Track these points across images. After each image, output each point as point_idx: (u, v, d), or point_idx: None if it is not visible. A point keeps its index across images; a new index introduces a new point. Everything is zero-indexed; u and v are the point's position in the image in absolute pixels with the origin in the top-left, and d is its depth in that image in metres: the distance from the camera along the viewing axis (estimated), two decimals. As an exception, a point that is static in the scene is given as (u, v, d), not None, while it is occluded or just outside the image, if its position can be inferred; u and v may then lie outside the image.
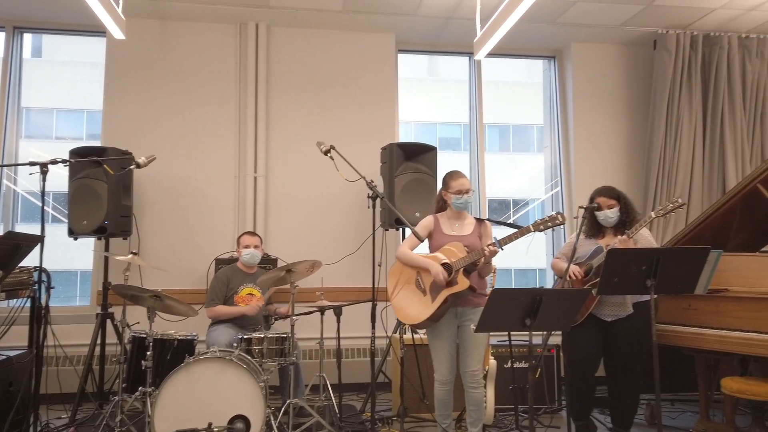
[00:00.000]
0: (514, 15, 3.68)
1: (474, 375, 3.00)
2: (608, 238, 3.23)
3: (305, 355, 4.34)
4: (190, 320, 3.70)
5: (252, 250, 3.86)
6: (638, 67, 5.43)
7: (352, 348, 4.64)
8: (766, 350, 2.89)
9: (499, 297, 2.50)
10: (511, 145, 14.62)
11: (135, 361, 3.32)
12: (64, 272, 10.48)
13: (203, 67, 4.89)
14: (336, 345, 3.64)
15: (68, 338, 4.12)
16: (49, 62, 12.85)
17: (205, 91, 4.87)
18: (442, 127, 14.42)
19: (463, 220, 3.19)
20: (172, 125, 4.78)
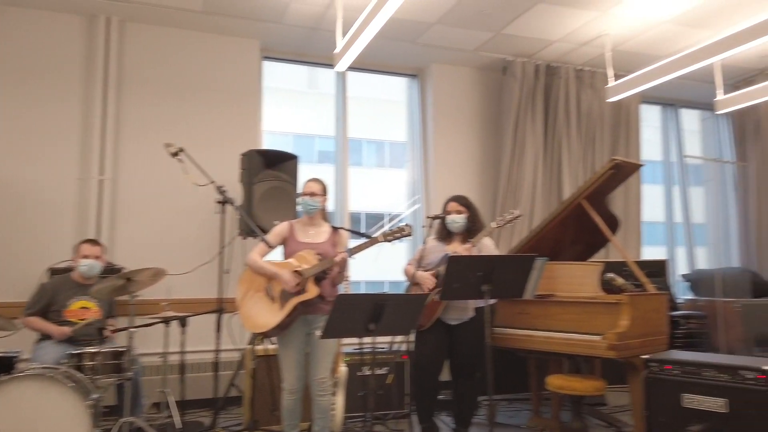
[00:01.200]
0: (370, 28, 3.79)
1: (321, 383, 3.01)
2: (455, 245, 3.43)
3: (149, 371, 4.08)
4: (18, 336, 3.32)
5: (91, 261, 3.54)
6: (490, 90, 5.84)
7: (203, 362, 4.42)
8: (584, 349, 3.22)
9: (343, 303, 2.54)
10: (386, 160, 15.01)
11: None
12: None
13: (43, 59, 4.47)
14: (179, 360, 3.47)
15: None
16: None
17: (45, 85, 4.46)
18: (321, 140, 14.46)
19: (318, 227, 3.21)
20: (4, 120, 4.31)
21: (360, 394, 3.69)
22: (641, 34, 5.05)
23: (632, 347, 3.10)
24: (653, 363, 2.85)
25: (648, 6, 4.53)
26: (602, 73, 5.71)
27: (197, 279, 4.36)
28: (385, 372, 4.00)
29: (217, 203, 3.39)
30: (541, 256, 3.12)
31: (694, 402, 2.67)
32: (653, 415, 2.80)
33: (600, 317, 3.23)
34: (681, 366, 2.74)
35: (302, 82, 14.19)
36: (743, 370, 2.54)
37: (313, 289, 2.94)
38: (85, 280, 3.58)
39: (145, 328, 3.35)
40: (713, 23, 4.82)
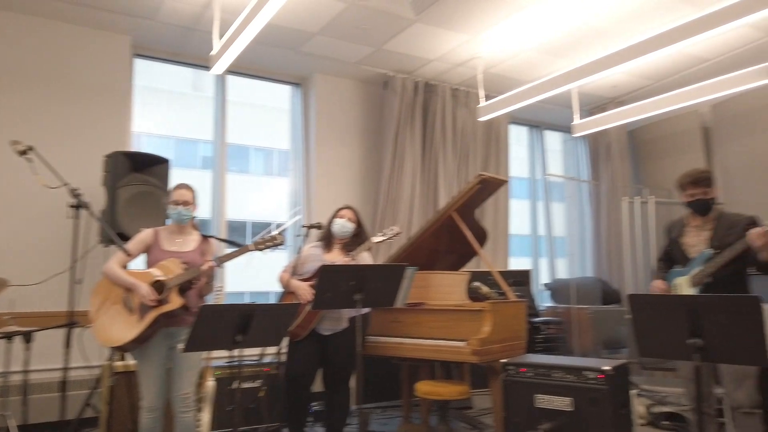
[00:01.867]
0: (247, 32, 3.71)
1: (184, 398, 2.87)
2: (335, 254, 3.44)
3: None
4: None
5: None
6: (372, 104, 5.96)
7: (50, 382, 3.96)
8: (450, 354, 3.36)
9: (207, 313, 2.44)
10: (274, 168, 14.69)
11: None
12: None
13: None
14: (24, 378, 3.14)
15: None
16: None
17: None
18: (206, 145, 13.84)
19: (186, 235, 3.07)
20: None
21: (228, 409, 3.57)
22: (509, 60, 5.42)
23: (493, 352, 3.29)
24: (510, 366, 3.03)
25: (514, 33, 4.87)
26: (475, 93, 6.05)
27: (46, 291, 3.95)
28: (257, 385, 3.90)
29: (71, 207, 3.11)
30: (411, 266, 3.22)
31: (544, 402, 2.88)
32: (510, 415, 2.98)
33: (465, 324, 3.39)
34: (534, 368, 2.95)
35: (185, 84, 13.55)
36: (586, 371, 2.78)
37: (176, 300, 2.80)
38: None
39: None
40: (572, 53, 5.29)
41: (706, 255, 2.78)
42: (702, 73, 5.57)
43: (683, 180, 2.90)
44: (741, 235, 2.69)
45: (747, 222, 2.77)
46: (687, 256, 2.91)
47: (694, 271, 2.82)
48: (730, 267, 2.72)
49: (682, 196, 2.92)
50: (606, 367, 2.74)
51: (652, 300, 2.48)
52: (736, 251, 2.66)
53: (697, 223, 2.92)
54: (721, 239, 2.78)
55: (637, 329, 2.41)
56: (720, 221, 2.85)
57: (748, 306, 2.14)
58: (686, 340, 2.26)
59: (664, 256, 3.16)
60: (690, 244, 2.91)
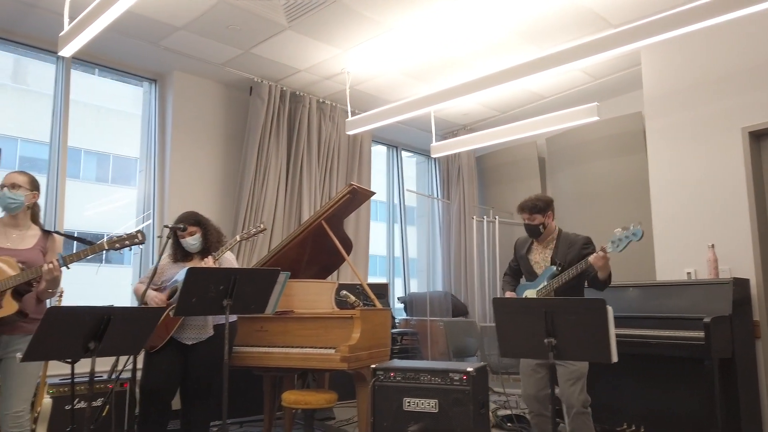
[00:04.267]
0: (105, 16, 3.40)
1: (17, 417, 2.48)
2: (195, 262, 3.21)
3: None
4: None
5: None
6: (236, 108, 5.77)
7: None
8: (319, 362, 3.33)
9: (56, 316, 2.15)
10: (110, 176, 13.40)
11: None
12: None
13: None
14: None
15: None
16: None
17: None
18: (27, 144, 12.22)
19: (24, 230, 2.68)
20: None
21: (68, 429, 3.14)
22: (375, 78, 5.61)
23: (362, 359, 3.32)
24: (380, 371, 3.08)
25: (381, 53, 5.06)
26: (341, 108, 6.15)
27: None
28: (99, 404, 3.49)
29: None
30: (284, 271, 3.14)
31: (412, 404, 2.96)
32: (378, 420, 3.02)
33: (335, 331, 3.38)
34: (403, 373, 3.02)
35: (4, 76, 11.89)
36: (452, 373, 2.92)
37: (10, 305, 2.43)
38: None
39: None
40: (431, 78, 5.62)
41: (551, 272, 3.11)
42: (540, 108, 6.26)
43: (518, 206, 3.23)
44: (580, 253, 3.06)
45: (584, 242, 3.15)
46: (534, 271, 3.23)
47: (540, 285, 3.13)
48: (572, 282, 3.06)
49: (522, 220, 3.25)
50: (469, 369, 2.90)
51: (515, 303, 2.69)
52: (580, 269, 2.99)
53: (540, 242, 3.26)
54: (562, 257, 3.13)
55: (499, 331, 2.59)
56: (560, 240, 3.20)
57: (596, 307, 2.41)
58: (543, 340, 2.48)
59: (510, 271, 3.47)
60: (535, 261, 3.24)
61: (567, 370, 2.96)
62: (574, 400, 2.92)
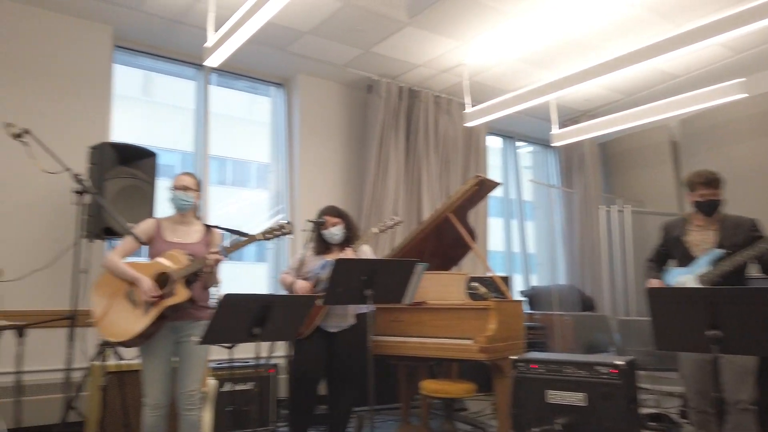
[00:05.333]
0: (248, 26, 3.65)
1: (191, 396, 2.74)
2: (335, 254, 3.36)
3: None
4: None
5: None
6: (354, 107, 5.94)
7: (41, 384, 3.70)
8: (456, 352, 3.35)
9: (229, 303, 2.34)
10: (241, 179, 14.31)
11: None
12: None
13: None
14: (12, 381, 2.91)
15: None
16: None
17: None
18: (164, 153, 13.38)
19: (190, 226, 2.95)
20: None
21: (228, 409, 3.42)
22: (493, 68, 5.53)
23: (499, 350, 3.30)
24: (520, 363, 3.04)
25: (502, 41, 4.98)
26: (457, 101, 6.13)
27: (30, 289, 3.73)
28: (250, 387, 3.76)
29: (75, 193, 2.94)
30: (421, 262, 3.19)
31: (556, 397, 2.90)
32: (520, 412, 2.98)
33: (469, 322, 3.39)
34: (545, 365, 2.97)
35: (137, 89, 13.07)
36: (599, 366, 2.83)
37: (182, 292, 2.68)
38: None
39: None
40: (553, 64, 5.44)
41: (717, 254, 2.86)
42: (672, 89, 5.84)
43: (695, 179, 2.99)
44: (748, 236, 2.81)
45: (751, 224, 2.89)
46: (690, 254, 3.00)
47: (701, 269, 2.90)
48: (740, 267, 2.82)
49: (692, 196, 3.01)
50: (619, 362, 2.79)
51: (673, 293, 2.54)
52: (755, 253, 2.75)
53: (700, 223, 3.02)
54: (729, 239, 2.88)
55: (655, 323, 2.46)
56: (724, 222, 2.96)
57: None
58: (705, 332, 2.32)
59: (656, 256, 3.24)
60: (694, 243, 3.00)
61: (734, 365, 2.75)
62: (741, 396, 2.72)
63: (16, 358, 2.88)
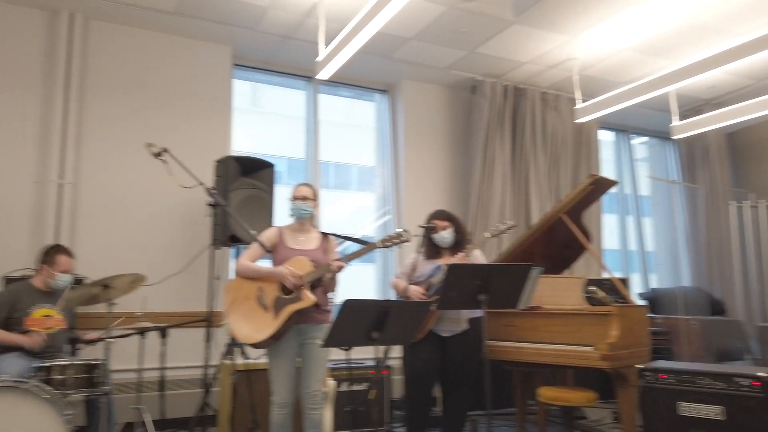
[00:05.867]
0: (357, 39, 3.76)
1: (314, 395, 2.87)
2: (446, 258, 3.38)
3: (117, 388, 3.78)
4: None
5: (69, 276, 3.23)
6: (459, 108, 5.92)
7: (177, 379, 4.07)
8: (575, 360, 3.24)
9: (350, 308, 2.44)
10: (348, 183, 14.77)
11: None
12: None
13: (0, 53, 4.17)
14: (158, 375, 3.23)
15: None
16: None
17: (1, 82, 4.14)
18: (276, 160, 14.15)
19: (308, 233, 3.10)
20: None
21: (347, 409, 3.55)
22: (605, 60, 5.27)
23: (622, 358, 3.14)
24: (647, 372, 2.89)
25: (614, 32, 4.74)
26: (565, 97, 5.92)
27: (167, 292, 4.11)
28: (365, 388, 3.88)
29: (209, 206, 3.19)
30: (536, 266, 3.12)
31: (690, 410, 2.72)
32: (649, 423, 2.83)
33: (589, 328, 3.26)
34: (676, 375, 2.79)
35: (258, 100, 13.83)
36: (738, 378, 2.61)
37: (309, 297, 2.81)
38: (48, 287, 3.27)
39: (114, 342, 3.09)
40: (672, 52, 5.10)
41: None
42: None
43: None
44: None
45: None
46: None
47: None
48: None
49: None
50: (762, 374, 2.57)
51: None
52: None
53: None
54: None
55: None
56: None
57: None
58: None
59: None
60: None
61: None
62: None
63: (160, 356, 3.17)
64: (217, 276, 3.40)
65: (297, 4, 4.31)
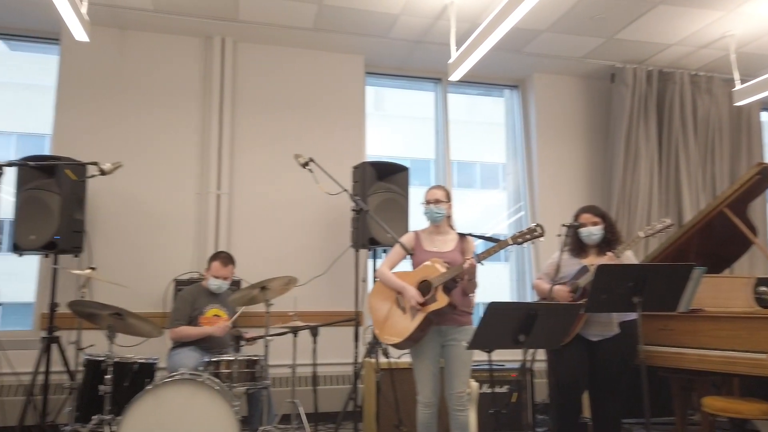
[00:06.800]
0: (491, 38, 3.72)
1: (460, 397, 2.88)
2: (592, 257, 3.21)
3: (274, 383, 4.09)
4: (145, 345, 3.43)
5: (220, 282, 3.55)
6: (597, 99, 5.63)
7: (325, 375, 4.38)
8: (746, 368, 2.92)
9: (495, 311, 2.41)
10: (477, 181, 14.65)
11: (88, 388, 2.99)
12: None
13: (164, 80, 4.68)
14: (309, 371, 3.44)
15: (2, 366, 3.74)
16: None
17: (166, 105, 4.65)
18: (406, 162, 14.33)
19: (445, 235, 3.11)
20: (128, 139, 4.52)
21: (490, 412, 3.52)
22: (767, 35, 4.71)
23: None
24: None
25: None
26: (719, 78, 5.39)
27: (313, 292, 4.38)
28: (506, 390, 3.81)
29: (353, 211, 3.34)
30: (699, 266, 2.87)
31: None
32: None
33: (762, 333, 2.92)
34: None
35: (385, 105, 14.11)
36: None
37: (442, 298, 2.82)
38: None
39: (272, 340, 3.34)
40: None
41: None
42: None
43: None
44: None
45: None
46: None
47: None
48: None
49: None
50: None
51: None
52: None
53: None
54: None
55: None
56: None
57: None
58: None
59: None
60: None
61: None
62: None
63: (312, 353, 3.38)
64: (363, 278, 3.53)
65: (427, 8, 4.36)
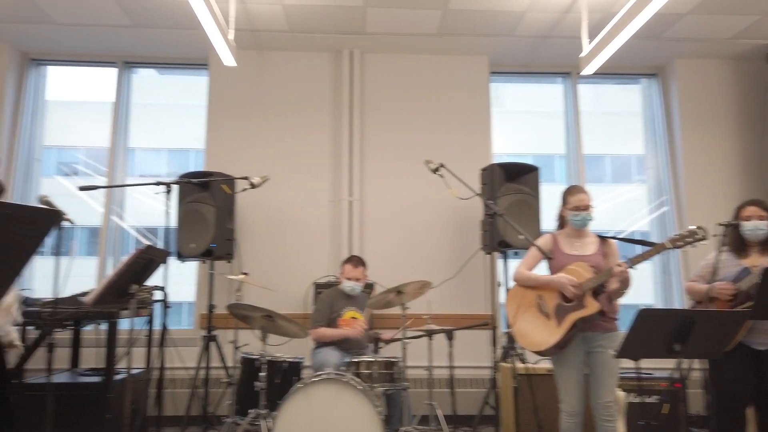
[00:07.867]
0: (629, 28, 3.50)
1: (608, 407, 2.74)
2: (755, 257, 2.91)
3: (411, 384, 4.17)
4: (291, 344, 3.66)
5: (353, 283, 3.72)
6: (750, 82, 5.10)
7: (460, 377, 4.39)
8: None
9: (646, 318, 2.27)
10: (609, 175, 13.72)
11: (244, 384, 3.27)
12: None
13: (299, 95, 4.97)
14: (445, 373, 3.47)
15: (170, 361, 4.18)
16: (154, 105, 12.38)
17: (302, 118, 4.94)
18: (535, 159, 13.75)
19: (584, 238, 2.98)
20: (270, 152, 4.86)
21: (641, 423, 3.33)
22: None
23: None
24: None
25: None
26: None
27: (444, 294, 4.42)
28: (656, 401, 3.57)
29: (486, 216, 3.33)
30: None
31: None
32: None
33: None
34: None
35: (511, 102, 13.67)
36: None
37: (592, 305, 2.70)
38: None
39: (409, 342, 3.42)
40: None
41: None
42: None
43: None
44: None
45: None
46: None
47: None
48: None
49: None
50: None
51: None
52: None
53: None
54: None
55: None
56: None
57: None
58: None
59: None
60: None
61: None
62: None
63: (448, 356, 3.41)
64: (499, 282, 3.50)
65: (556, 3, 4.22)
